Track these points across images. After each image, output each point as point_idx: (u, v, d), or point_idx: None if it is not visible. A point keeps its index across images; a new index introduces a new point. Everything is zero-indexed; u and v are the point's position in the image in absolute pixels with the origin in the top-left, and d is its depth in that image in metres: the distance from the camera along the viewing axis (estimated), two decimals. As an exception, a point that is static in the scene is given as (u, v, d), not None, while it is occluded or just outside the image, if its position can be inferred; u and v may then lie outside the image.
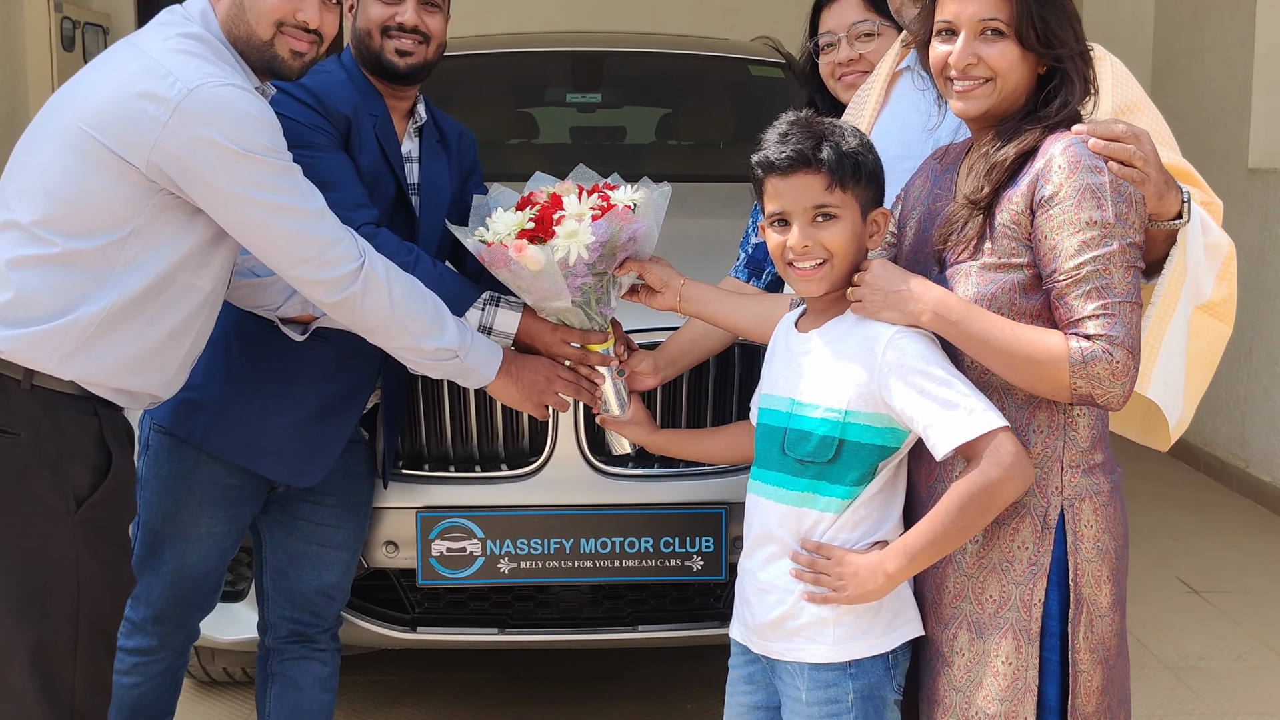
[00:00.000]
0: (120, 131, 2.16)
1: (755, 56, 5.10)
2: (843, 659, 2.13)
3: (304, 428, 2.70)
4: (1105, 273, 1.95)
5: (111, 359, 2.23)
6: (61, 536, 2.21)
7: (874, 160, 2.17)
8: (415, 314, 2.39)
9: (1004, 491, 2.01)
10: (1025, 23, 2.03)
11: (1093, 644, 2.07)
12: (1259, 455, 5.89)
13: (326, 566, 2.87)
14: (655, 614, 3.16)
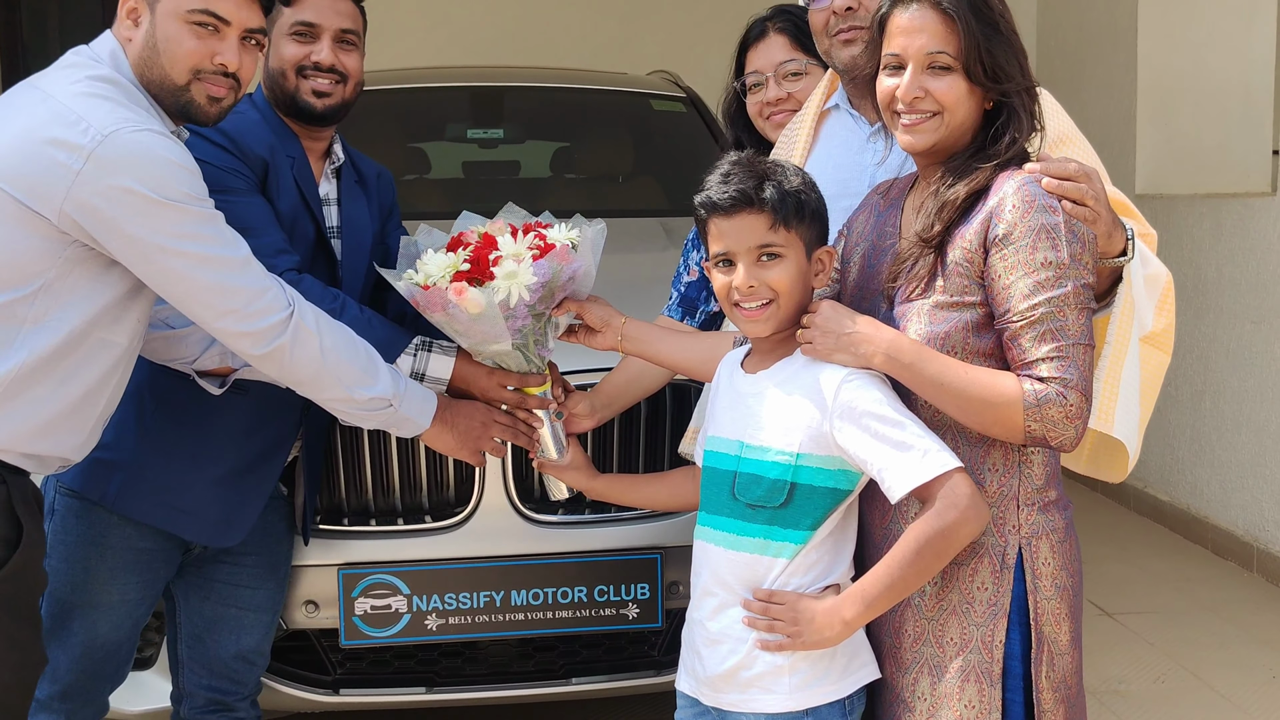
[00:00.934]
0: (29, 182, 2.03)
1: (656, 91, 5.07)
2: (799, 707, 2.08)
3: (224, 485, 2.58)
4: (1059, 315, 1.94)
5: (21, 422, 2.09)
6: None
7: (817, 199, 2.13)
8: (347, 363, 2.29)
9: (961, 534, 1.98)
10: (973, 57, 2.01)
11: (1055, 683, 2.05)
12: (1156, 475, 5.99)
13: (245, 630, 2.74)
14: (588, 665, 3.07)
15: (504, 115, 5.06)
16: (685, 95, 5.12)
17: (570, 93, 5.05)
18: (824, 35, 2.50)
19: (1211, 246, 5.49)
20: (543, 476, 2.56)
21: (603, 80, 5.22)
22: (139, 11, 2.20)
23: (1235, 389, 5.38)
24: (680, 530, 2.98)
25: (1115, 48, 6.32)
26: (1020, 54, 2.07)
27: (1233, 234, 5.34)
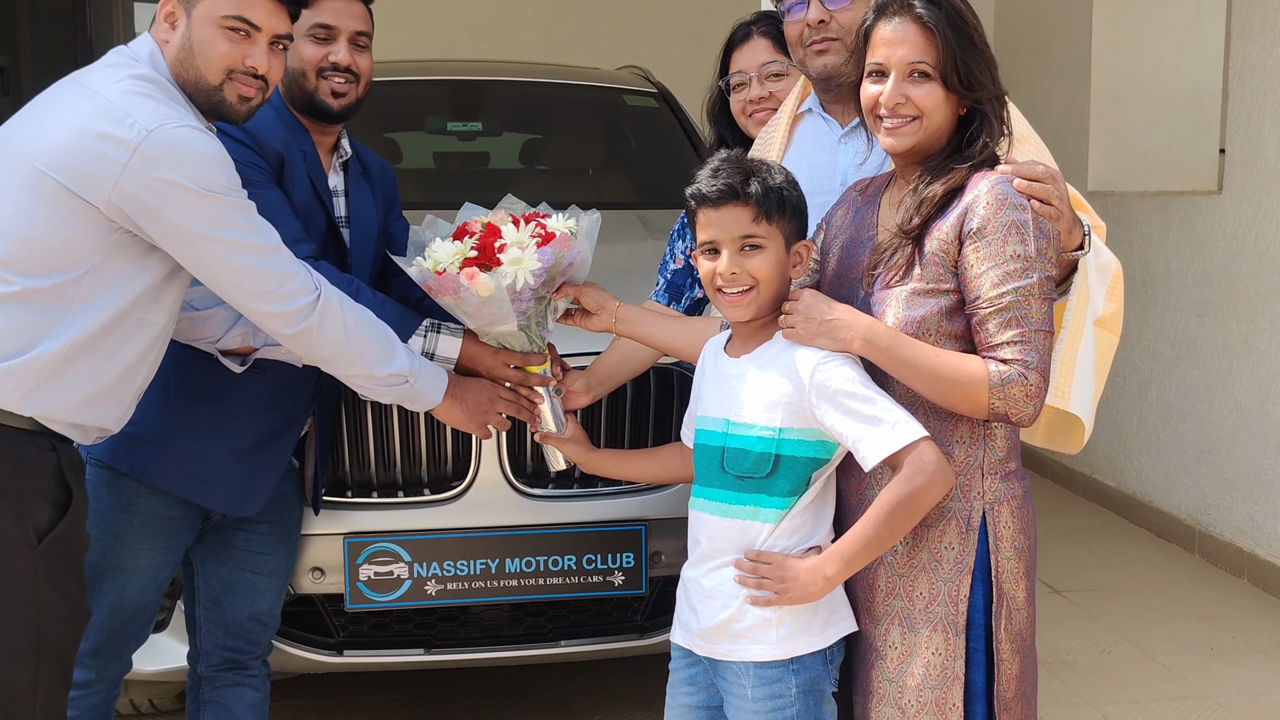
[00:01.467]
0: (80, 173, 2.19)
1: (630, 86, 5.26)
2: (785, 656, 2.28)
3: (243, 458, 2.75)
4: (1024, 303, 2.14)
5: (70, 395, 2.26)
6: (23, 572, 2.23)
7: (798, 196, 2.32)
8: (368, 342, 2.47)
9: (928, 496, 2.18)
10: (950, 66, 2.21)
11: (1012, 634, 2.26)
12: (1103, 462, 6.25)
13: (260, 593, 2.91)
14: (575, 629, 3.27)
15: (482, 109, 5.23)
16: (657, 91, 5.32)
17: (546, 87, 5.22)
18: (799, 45, 2.68)
19: (1160, 242, 5.74)
20: (542, 449, 2.74)
21: (578, 75, 5.40)
22: (176, 16, 2.36)
23: (1180, 379, 5.64)
24: (663, 504, 3.19)
25: (1070, 51, 6.56)
26: (991, 65, 2.27)
27: (1180, 230, 5.59)
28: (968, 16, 2.25)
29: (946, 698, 2.23)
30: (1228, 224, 5.30)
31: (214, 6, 2.35)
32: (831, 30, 2.59)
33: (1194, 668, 4.30)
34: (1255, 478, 5.13)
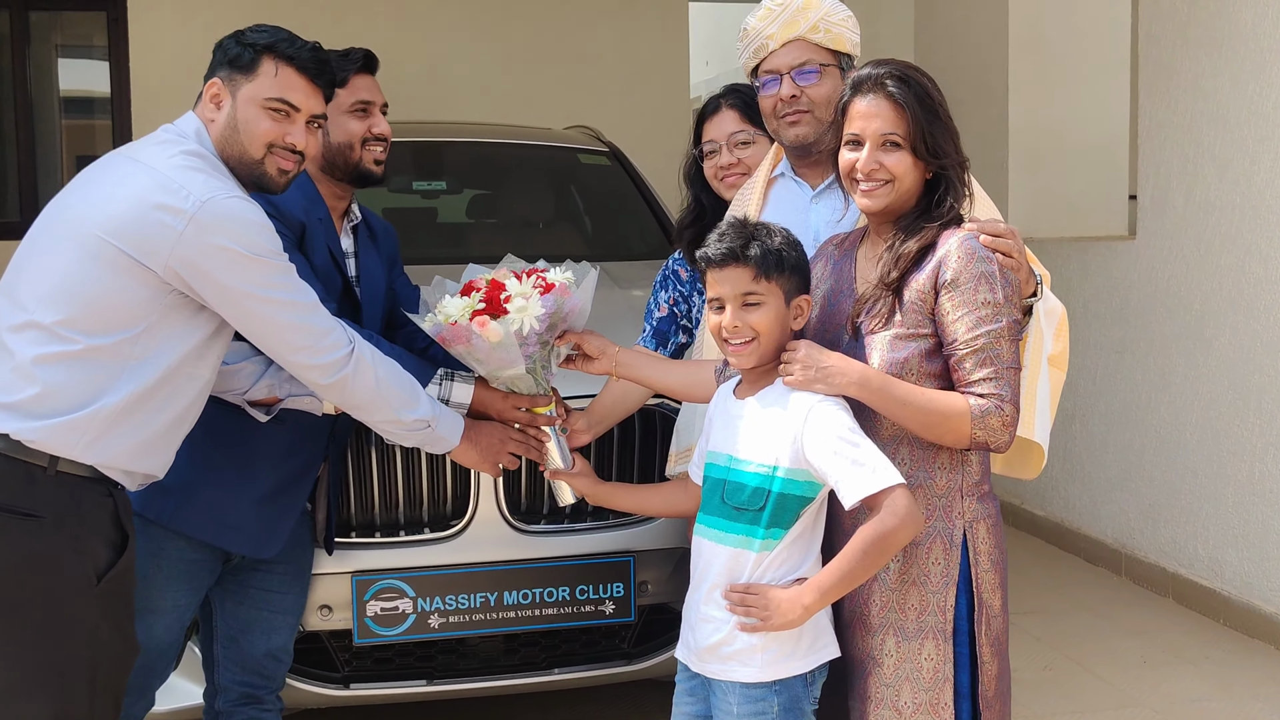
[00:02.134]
0: (139, 240, 2.40)
1: (584, 146, 5.54)
2: (769, 679, 2.50)
3: (263, 504, 2.95)
4: (996, 344, 2.42)
5: (126, 444, 2.46)
6: (83, 610, 2.41)
7: (797, 256, 2.56)
8: (396, 390, 2.70)
9: (899, 537, 2.40)
10: (918, 137, 2.50)
11: (991, 639, 2.52)
12: (1031, 492, 6.60)
13: (275, 630, 3.10)
14: (567, 658, 3.49)
15: (444, 168, 5.47)
16: (609, 150, 5.60)
17: (507, 147, 5.49)
18: (772, 117, 2.94)
19: (1079, 285, 6.11)
20: (551, 485, 2.97)
21: (534, 136, 5.68)
22: (221, 97, 2.60)
23: (1102, 412, 6.00)
24: (649, 536, 3.44)
25: (988, 104, 6.94)
26: (954, 135, 2.55)
27: (1097, 274, 5.96)
28: (933, 93, 2.54)
29: (939, 698, 2.47)
30: (1142, 267, 5.67)
31: (258, 89, 2.58)
32: (802, 104, 2.86)
33: (1130, 680, 4.62)
34: (1175, 502, 5.48)
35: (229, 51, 2.63)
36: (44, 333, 2.40)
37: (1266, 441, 4.95)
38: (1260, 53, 4.91)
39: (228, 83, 2.61)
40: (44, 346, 2.40)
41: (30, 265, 2.48)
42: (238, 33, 2.67)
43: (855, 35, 2.89)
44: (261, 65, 2.60)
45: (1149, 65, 5.62)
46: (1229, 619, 5.15)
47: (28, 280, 2.46)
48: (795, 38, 2.84)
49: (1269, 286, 4.91)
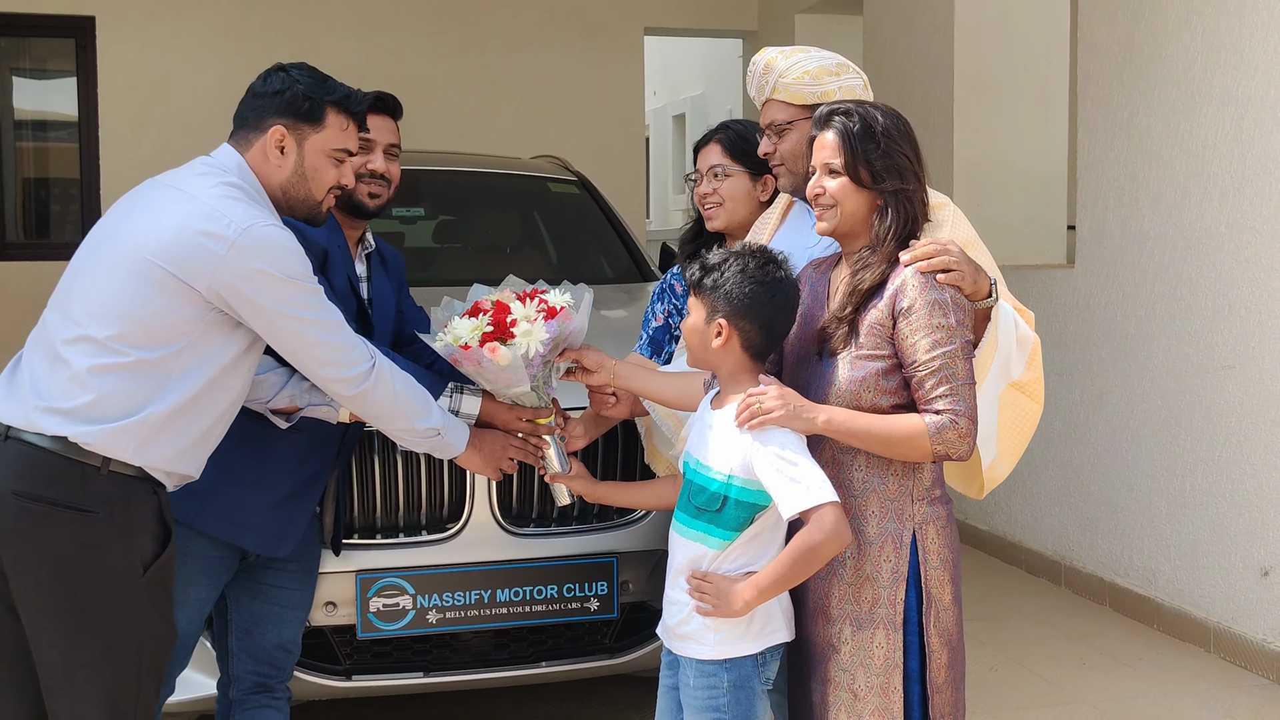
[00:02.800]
0: (185, 263, 2.63)
1: (553, 175, 5.82)
2: (720, 657, 2.77)
3: (279, 506, 3.18)
4: (951, 364, 2.67)
5: (169, 448, 2.68)
6: (132, 597, 2.63)
7: (726, 281, 2.74)
8: (411, 401, 2.94)
9: (824, 551, 2.64)
10: (855, 166, 2.75)
11: (940, 630, 2.76)
12: (974, 508, 6.92)
13: (285, 624, 3.32)
14: (554, 651, 3.74)
15: (422, 195, 5.72)
16: (577, 179, 5.88)
17: (482, 176, 5.75)
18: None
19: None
20: (550, 487, 3.22)
21: (507, 165, 5.95)
22: (287, 145, 2.83)
23: (1042, 431, 6.28)
24: (631, 539, 3.71)
25: (934, 138, 7.28)
26: (900, 165, 2.77)
27: (1038, 300, 6.29)
28: (877, 127, 2.76)
29: (889, 682, 2.73)
30: (1080, 294, 6.02)
31: (326, 140, 2.87)
32: (777, 158, 3.10)
33: (1071, 680, 4.93)
34: (1112, 515, 5.82)
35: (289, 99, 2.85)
36: (97, 346, 2.62)
37: (1197, 458, 5.29)
38: (1190, 95, 5.27)
39: (293, 130, 2.84)
40: (97, 358, 2.61)
41: (81, 285, 2.69)
42: (293, 78, 2.88)
43: (824, 85, 3.04)
44: (328, 118, 2.86)
45: (1087, 104, 5.98)
46: (1162, 624, 5.48)
47: (79, 298, 2.67)
48: (765, 99, 3.09)
49: (1199, 312, 5.26)
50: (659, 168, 16.81)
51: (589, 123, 9.86)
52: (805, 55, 3.06)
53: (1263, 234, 4.92)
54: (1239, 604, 5.10)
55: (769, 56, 3.08)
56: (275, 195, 2.86)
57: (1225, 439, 5.15)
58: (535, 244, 5.79)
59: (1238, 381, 5.08)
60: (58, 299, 2.74)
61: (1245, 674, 4.99)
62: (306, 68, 2.94)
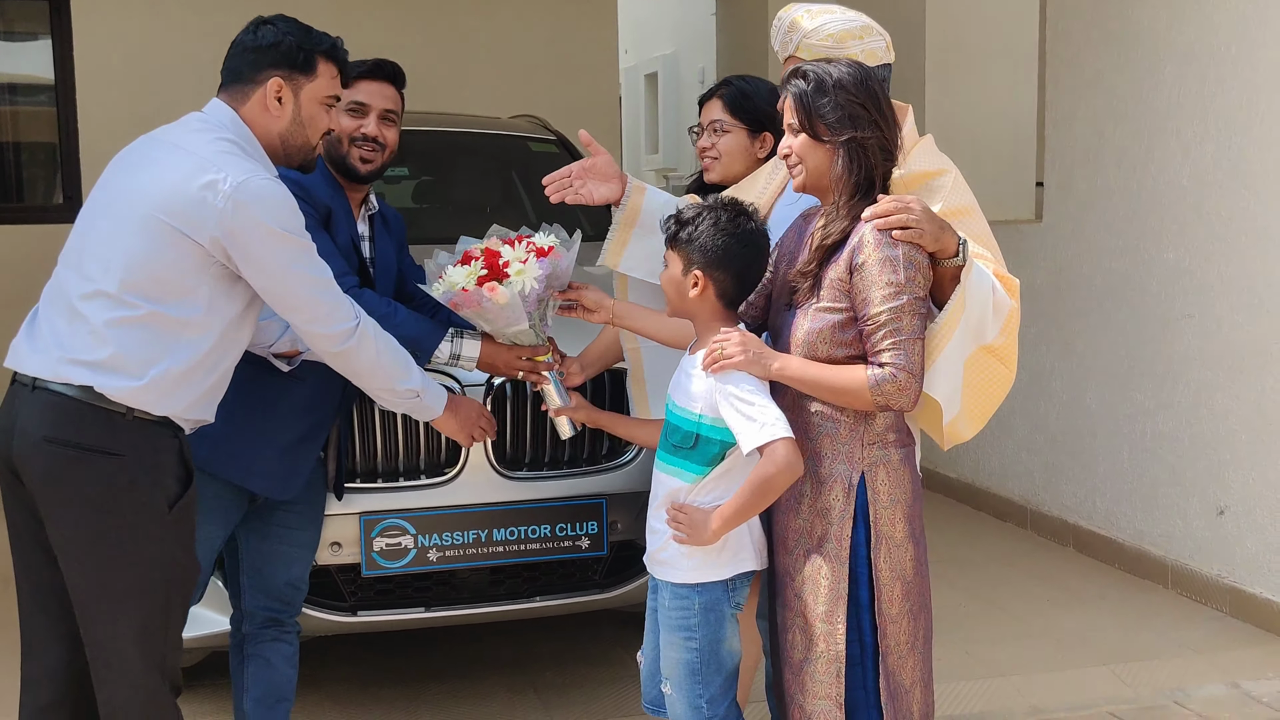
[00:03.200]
0: (188, 217, 2.75)
1: (534, 135, 5.97)
2: (692, 581, 2.98)
3: (286, 452, 3.34)
4: (897, 319, 2.79)
5: (187, 398, 2.83)
6: (159, 534, 2.79)
7: (700, 234, 2.90)
8: (393, 363, 3.07)
9: (777, 482, 2.82)
10: (809, 122, 2.88)
11: (891, 565, 2.87)
12: (944, 457, 7.14)
13: (294, 562, 3.50)
14: (548, 587, 3.94)
15: (406, 155, 5.84)
16: (556, 138, 6.03)
17: (464, 135, 5.89)
18: None
19: (990, 264, 6.63)
20: (553, 421, 3.38)
21: (487, 125, 6.09)
22: (284, 95, 2.94)
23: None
24: (619, 481, 3.90)
25: (906, 96, 7.32)
26: (855, 114, 2.81)
27: (1007, 254, 6.39)
28: (829, 81, 2.84)
29: (834, 610, 2.88)
30: (1047, 248, 6.22)
31: (318, 89, 2.98)
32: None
33: (1037, 616, 5.17)
34: (1076, 461, 6.05)
35: (284, 50, 2.96)
36: (111, 300, 2.75)
37: (1157, 404, 5.52)
38: (1155, 52, 5.46)
39: (289, 81, 2.96)
40: (112, 312, 2.74)
41: (91, 241, 2.82)
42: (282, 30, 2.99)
43: (847, 48, 3.13)
44: (320, 66, 2.98)
45: (1055, 63, 6.17)
46: (1123, 563, 5.73)
47: (91, 255, 2.80)
48: (788, 56, 3.20)
49: (1160, 265, 5.47)
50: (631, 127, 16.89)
51: (563, 83, 9.97)
52: (830, 17, 3.15)
53: (1223, 188, 5.12)
54: (1195, 543, 5.35)
55: (795, 15, 3.18)
56: (273, 145, 2.96)
57: (1185, 386, 5.37)
58: (517, 202, 5.93)
59: (1197, 331, 5.30)
60: (69, 256, 2.86)
61: (1200, 608, 5.24)
62: (288, 19, 3.03)
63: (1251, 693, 4.48)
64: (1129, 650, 4.82)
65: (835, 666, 2.88)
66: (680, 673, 2.98)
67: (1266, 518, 4.98)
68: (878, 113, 2.89)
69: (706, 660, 2.97)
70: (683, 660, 2.98)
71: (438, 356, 3.31)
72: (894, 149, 2.93)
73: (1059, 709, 4.34)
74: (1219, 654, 4.79)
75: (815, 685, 2.90)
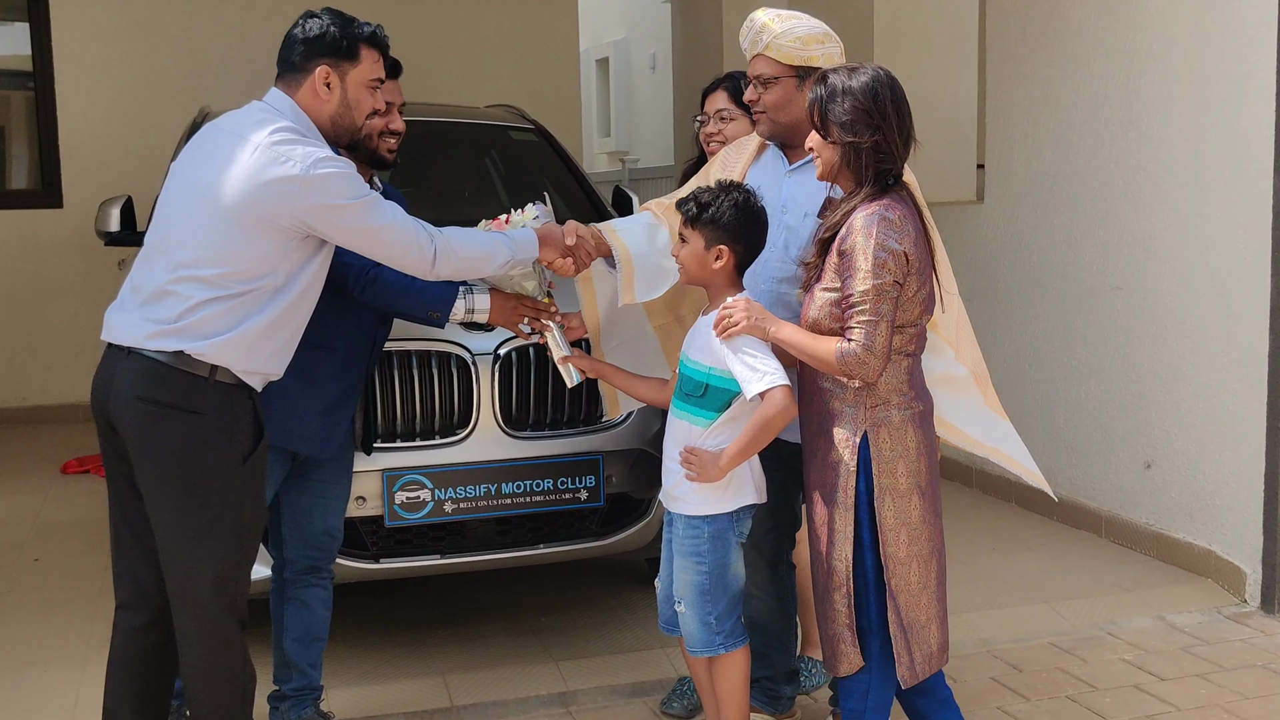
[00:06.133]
0: (269, 206, 3.11)
1: (513, 124, 6.38)
2: (701, 513, 3.46)
3: (324, 415, 3.74)
4: (864, 301, 3.13)
5: (267, 350, 3.21)
6: (235, 483, 3.18)
7: (728, 215, 3.37)
8: (480, 255, 3.42)
9: (775, 423, 3.29)
10: (822, 124, 3.27)
11: (895, 511, 3.25)
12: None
13: (330, 513, 3.91)
14: (550, 536, 4.39)
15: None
16: (534, 126, 6.44)
17: (449, 125, 6.28)
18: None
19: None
20: (560, 370, 3.77)
21: (468, 114, 6.49)
22: (332, 81, 3.29)
23: (956, 350, 7.03)
24: (615, 440, 4.36)
25: None
26: (855, 120, 3.18)
27: (951, 233, 6.92)
28: (840, 88, 3.21)
29: (842, 549, 3.30)
30: (988, 227, 6.72)
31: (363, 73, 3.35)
32: (759, 106, 3.63)
33: (982, 561, 5.68)
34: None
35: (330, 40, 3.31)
36: (204, 284, 3.10)
37: (1090, 369, 6.04)
38: (1085, 47, 5.96)
39: (335, 68, 3.31)
40: (207, 293, 3.10)
41: (177, 233, 3.16)
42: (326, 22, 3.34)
43: (810, 51, 3.52)
44: (362, 52, 3.35)
45: (994, 55, 6.66)
46: (1060, 515, 6.26)
47: (178, 245, 3.14)
48: (756, 54, 3.59)
49: (1091, 241, 5.98)
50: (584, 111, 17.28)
51: (525, 73, 10.35)
52: (797, 22, 3.55)
53: (1146, 171, 5.63)
54: (1125, 494, 5.88)
55: (766, 18, 3.57)
56: (325, 126, 3.33)
57: (1114, 352, 5.89)
58: (494, 188, 6.34)
59: (1125, 302, 5.81)
60: (154, 244, 3.22)
61: (1130, 553, 5.78)
62: (332, 11, 3.39)
63: (1175, 624, 5.01)
64: (1067, 590, 5.32)
65: (846, 599, 3.30)
66: (692, 593, 3.46)
67: (1188, 470, 5.51)
68: (880, 118, 3.22)
69: (715, 582, 3.45)
70: (694, 582, 3.45)
71: (455, 313, 3.69)
72: (895, 151, 3.25)
73: (1005, 641, 4.85)
74: (1146, 591, 5.31)
75: (832, 612, 3.33)
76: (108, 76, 9.34)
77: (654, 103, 14.40)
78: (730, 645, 3.51)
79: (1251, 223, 5.10)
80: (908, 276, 3.21)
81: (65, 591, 5.46)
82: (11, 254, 9.28)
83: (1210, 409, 5.39)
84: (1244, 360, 5.19)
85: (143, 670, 3.32)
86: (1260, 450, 5.14)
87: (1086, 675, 4.52)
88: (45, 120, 9.36)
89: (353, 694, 4.32)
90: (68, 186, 9.35)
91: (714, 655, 3.51)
